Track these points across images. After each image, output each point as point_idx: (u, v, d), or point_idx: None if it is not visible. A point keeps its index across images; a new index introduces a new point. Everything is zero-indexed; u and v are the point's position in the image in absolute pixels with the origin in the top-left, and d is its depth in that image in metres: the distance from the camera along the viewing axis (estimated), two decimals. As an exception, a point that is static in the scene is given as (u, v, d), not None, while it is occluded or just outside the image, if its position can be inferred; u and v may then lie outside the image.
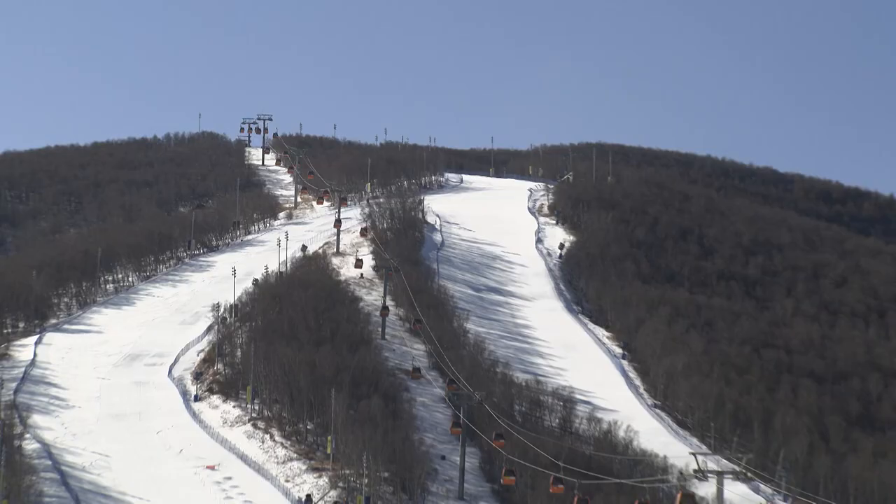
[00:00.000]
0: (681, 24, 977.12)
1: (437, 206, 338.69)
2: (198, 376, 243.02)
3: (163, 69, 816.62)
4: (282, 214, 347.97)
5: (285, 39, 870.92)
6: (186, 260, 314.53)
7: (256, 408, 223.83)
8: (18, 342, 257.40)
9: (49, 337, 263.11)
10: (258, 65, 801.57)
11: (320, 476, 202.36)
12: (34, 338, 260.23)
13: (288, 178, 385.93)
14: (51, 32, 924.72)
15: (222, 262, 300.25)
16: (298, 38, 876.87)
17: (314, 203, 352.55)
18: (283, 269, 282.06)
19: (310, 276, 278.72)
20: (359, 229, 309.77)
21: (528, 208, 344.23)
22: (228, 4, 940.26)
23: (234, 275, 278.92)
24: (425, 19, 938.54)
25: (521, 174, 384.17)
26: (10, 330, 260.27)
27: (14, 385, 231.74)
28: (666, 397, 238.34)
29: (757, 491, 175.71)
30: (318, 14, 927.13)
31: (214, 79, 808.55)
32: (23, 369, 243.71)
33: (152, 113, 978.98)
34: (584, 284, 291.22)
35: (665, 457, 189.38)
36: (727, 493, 78.23)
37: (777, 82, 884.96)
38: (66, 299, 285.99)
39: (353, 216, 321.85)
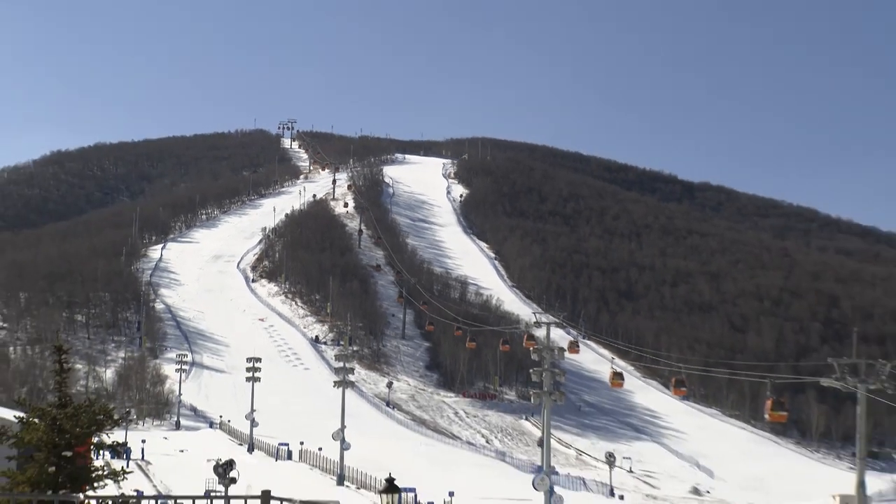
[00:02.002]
0: (520, 53, 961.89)
1: (390, 172, 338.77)
2: (254, 268, 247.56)
3: (235, 88, 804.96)
4: (301, 177, 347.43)
5: (304, 68, 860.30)
6: (247, 202, 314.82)
7: (287, 286, 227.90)
8: (152, 247, 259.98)
9: (169, 245, 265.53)
10: (290, 86, 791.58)
11: (324, 325, 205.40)
12: (160, 245, 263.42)
13: (305, 156, 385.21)
14: (169, 67, 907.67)
15: (267, 204, 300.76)
16: (311, 67, 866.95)
17: (320, 170, 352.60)
18: (302, 208, 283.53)
19: (317, 212, 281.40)
20: (346, 185, 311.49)
21: (442, 174, 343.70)
22: (273, 46, 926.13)
23: (274, 211, 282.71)
24: (386, 57, 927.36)
25: (438, 154, 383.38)
26: (146, 241, 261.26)
27: (150, 272, 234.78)
28: (519, 281, 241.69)
29: (569, 333, 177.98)
30: (326, 53, 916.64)
31: (265, 95, 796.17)
32: (154, 263, 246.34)
33: (229, 115, 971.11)
34: (473, 217, 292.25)
35: (518, 315, 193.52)
36: (552, 335, 79.50)
37: (581, 89, 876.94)
38: (178, 224, 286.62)
39: (343, 178, 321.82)
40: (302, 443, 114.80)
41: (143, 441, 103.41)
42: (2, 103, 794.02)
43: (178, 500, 15.74)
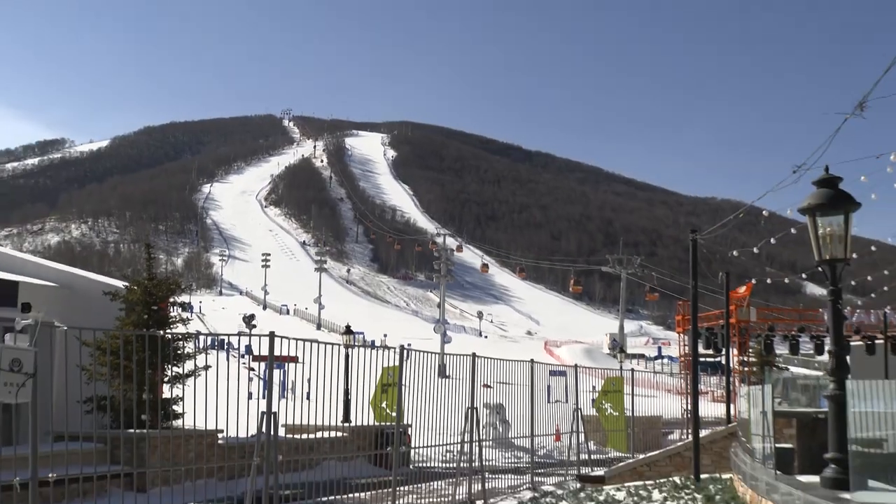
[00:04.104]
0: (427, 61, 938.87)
1: (349, 141, 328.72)
2: (266, 198, 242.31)
3: (256, 87, 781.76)
4: (294, 144, 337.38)
5: (295, 73, 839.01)
6: (261, 158, 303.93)
7: (286, 209, 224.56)
8: (205, 185, 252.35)
9: (215, 184, 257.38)
10: (288, 85, 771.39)
11: (308, 234, 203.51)
12: (210, 184, 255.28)
13: (297, 131, 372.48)
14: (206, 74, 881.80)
15: (274, 160, 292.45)
16: (300, 72, 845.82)
17: (306, 140, 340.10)
18: (295, 162, 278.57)
19: (304, 165, 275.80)
20: (322, 149, 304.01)
21: (381, 143, 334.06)
22: (279, 59, 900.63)
23: (278, 165, 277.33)
24: (351, 65, 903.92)
25: (379, 131, 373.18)
26: (201, 181, 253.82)
27: (203, 200, 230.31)
28: (427, 209, 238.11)
29: (457, 240, 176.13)
30: (311, 62, 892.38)
31: (272, 91, 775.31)
32: (206, 195, 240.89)
33: (251, 104, 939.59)
34: (400, 170, 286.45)
35: (426, 229, 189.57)
36: (447, 241, 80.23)
37: (463, 86, 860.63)
38: (220, 171, 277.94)
39: (320, 144, 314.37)
40: (295, 304, 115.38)
41: (200, 302, 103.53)
42: (108, 92, 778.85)
43: (221, 336, 16.10)
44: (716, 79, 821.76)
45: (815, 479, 8.03)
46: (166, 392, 16.85)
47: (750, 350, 36.18)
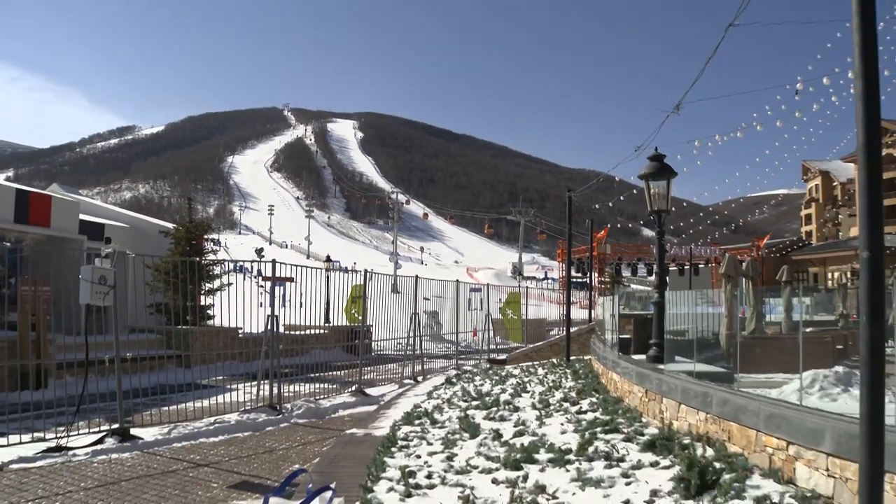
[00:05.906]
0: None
1: (330, 126, 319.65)
2: (271, 166, 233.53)
3: (262, 86, 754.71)
4: (291, 128, 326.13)
5: (292, 74, 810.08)
6: (268, 137, 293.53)
7: (285, 174, 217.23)
8: (228, 157, 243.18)
9: (235, 156, 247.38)
10: (286, 85, 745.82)
11: (301, 191, 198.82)
12: (231, 157, 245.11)
13: (293, 118, 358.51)
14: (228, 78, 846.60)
15: (277, 139, 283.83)
16: (295, 73, 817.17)
17: (300, 125, 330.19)
18: (291, 140, 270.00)
19: (298, 143, 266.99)
20: (311, 131, 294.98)
21: (353, 127, 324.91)
22: (280, 62, 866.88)
23: (280, 143, 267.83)
24: (331, 69, 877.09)
25: (351, 118, 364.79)
26: (225, 154, 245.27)
27: (227, 167, 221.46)
28: (385, 174, 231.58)
29: (406, 196, 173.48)
30: (303, 63, 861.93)
31: (276, 89, 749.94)
32: (229, 164, 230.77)
33: (258, 99, 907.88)
34: (366, 147, 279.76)
35: (385, 188, 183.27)
36: (400, 198, 79.70)
37: (411, 86, 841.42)
38: (239, 146, 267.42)
39: (310, 128, 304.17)
40: (291, 241, 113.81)
41: (225, 239, 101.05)
42: (164, 91, 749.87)
43: (239, 262, 15.95)
44: (586, 79, 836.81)
45: (643, 357, 8.55)
46: (203, 301, 16.82)
47: (606, 273, 37.26)
